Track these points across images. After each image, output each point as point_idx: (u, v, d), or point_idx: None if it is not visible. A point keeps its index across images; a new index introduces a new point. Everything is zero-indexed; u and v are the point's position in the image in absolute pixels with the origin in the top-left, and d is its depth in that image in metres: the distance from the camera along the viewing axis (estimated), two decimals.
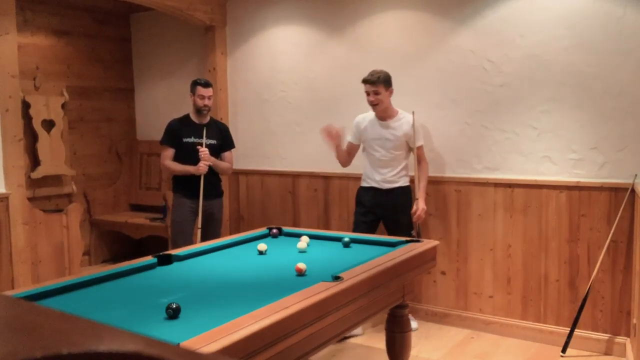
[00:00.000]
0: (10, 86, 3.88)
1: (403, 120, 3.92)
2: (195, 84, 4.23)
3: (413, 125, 3.88)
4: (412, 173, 4.03)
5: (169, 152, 4.21)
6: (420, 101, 4.19)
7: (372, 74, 3.81)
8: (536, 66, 3.78)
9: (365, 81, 3.82)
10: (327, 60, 4.67)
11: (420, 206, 3.88)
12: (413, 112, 3.91)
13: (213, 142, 4.26)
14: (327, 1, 4.63)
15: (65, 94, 5.53)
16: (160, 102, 5.94)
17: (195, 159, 4.13)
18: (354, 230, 3.96)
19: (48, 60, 5.56)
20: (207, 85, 4.22)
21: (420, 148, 3.95)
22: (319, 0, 4.67)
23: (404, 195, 3.98)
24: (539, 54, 3.76)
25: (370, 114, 3.97)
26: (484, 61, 3.96)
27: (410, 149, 3.98)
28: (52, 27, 5.60)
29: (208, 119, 4.31)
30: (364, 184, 4.06)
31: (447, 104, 4.12)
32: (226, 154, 4.40)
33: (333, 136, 3.93)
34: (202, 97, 4.19)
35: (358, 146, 4.08)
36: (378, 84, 3.78)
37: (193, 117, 4.27)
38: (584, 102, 3.65)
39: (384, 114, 3.91)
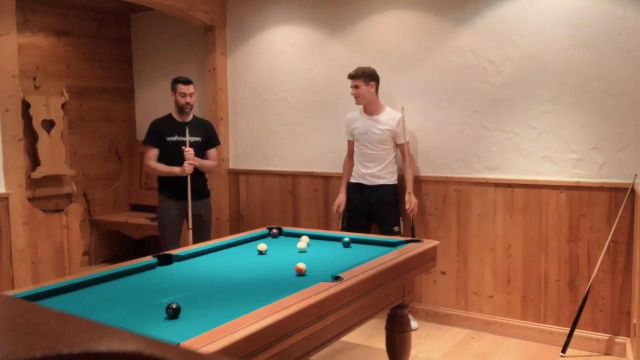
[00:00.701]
0: (10, 86, 3.88)
1: (389, 117, 4.06)
2: (175, 81, 4.17)
3: (402, 121, 4.03)
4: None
5: (153, 152, 4.16)
6: (420, 101, 4.19)
7: (355, 69, 4.03)
8: (536, 66, 3.78)
9: (348, 76, 4.06)
10: (327, 60, 4.68)
11: (413, 200, 4.02)
12: (402, 108, 4.08)
13: (197, 139, 4.19)
14: (327, 1, 4.63)
15: (65, 94, 5.53)
16: (160, 102, 5.92)
17: (179, 159, 4.08)
18: (342, 225, 4.17)
19: (48, 60, 5.56)
20: (187, 82, 4.15)
21: (405, 144, 4.06)
22: (319, 0, 4.67)
23: (389, 192, 4.07)
24: (539, 54, 3.76)
25: (360, 111, 4.14)
26: (484, 61, 3.96)
27: (396, 146, 4.10)
28: (52, 27, 5.60)
29: (191, 116, 4.25)
30: (352, 179, 4.21)
31: (446, 104, 4.12)
32: (211, 151, 4.33)
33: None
34: (184, 95, 4.13)
35: (353, 142, 4.24)
36: (357, 78, 4.00)
37: (175, 115, 4.22)
38: (584, 102, 3.65)
39: (369, 108, 4.08)
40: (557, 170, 3.77)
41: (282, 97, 4.96)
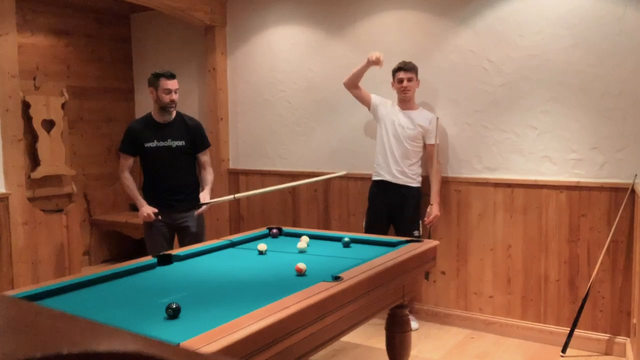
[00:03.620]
0: (10, 86, 3.88)
1: (422, 114, 4.02)
2: (157, 76, 3.58)
3: (436, 122, 3.98)
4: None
5: (126, 162, 3.68)
6: (420, 101, 4.19)
7: (404, 62, 3.95)
8: (536, 66, 3.78)
9: (399, 68, 3.95)
10: (327, 60, 4.68)
11: (433, 212, 3.96)
12: (437, 118, 4.03)
13: (180, 143, 3.65)
14: (327, 1, 4.63)
15: (65, 94, 5.53)
16: None
17: (160, 166, 3.63)
18: (366, 231, 4.00)
19: (48, 60, 5.56)
20: (171, 76, 3.59)
21: (434, 146, 3.99)
22: (319, 0, 4.67)
23: (412, 195, 3.98)
24: (539, 54, 3.76)
25: (392, 103, 4.07)
26: (484, 61, 3.96)
27: (425, 147, 4.05)
28: (52, 27, 5.60)
29: (173, 115, 3.67)
30: (375, 177, 4.12)
31: (447, 104, 4.13)
32: (202, 157, 3.77)
33: (378, 62, 3.88)
34: (169, 92, 3.55)
35: (369, 98, 4.11)
36: (412, 70, 3.95)
37: (156, 116, 3.66)
38: (584, 102, 3.65)
39: (408, 104, 4.03)
40: (557, 170, 3.77)
41: (282, 97, 4.96)
